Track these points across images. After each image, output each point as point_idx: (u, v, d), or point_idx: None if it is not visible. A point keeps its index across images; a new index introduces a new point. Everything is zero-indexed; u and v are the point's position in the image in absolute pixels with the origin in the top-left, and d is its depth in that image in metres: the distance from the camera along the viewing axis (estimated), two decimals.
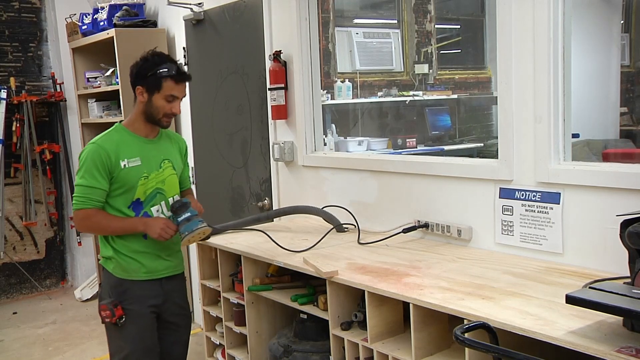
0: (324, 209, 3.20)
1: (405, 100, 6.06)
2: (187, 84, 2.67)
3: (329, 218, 3.14)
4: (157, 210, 2.66)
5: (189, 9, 4.28)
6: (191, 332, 2.93)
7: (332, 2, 5.70)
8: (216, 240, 3.03)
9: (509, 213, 2.49)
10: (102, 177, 2.53)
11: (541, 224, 2.37)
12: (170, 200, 2.71)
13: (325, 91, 4.91)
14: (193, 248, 4.37)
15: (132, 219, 2.61)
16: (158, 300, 2.69)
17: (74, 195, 2.58)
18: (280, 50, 3.51)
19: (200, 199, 4.58)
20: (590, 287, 1.67)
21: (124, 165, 2.56)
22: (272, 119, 3.66)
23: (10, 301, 5.73)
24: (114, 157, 2.55)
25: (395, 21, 6.61)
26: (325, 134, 4.15)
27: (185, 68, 2.58)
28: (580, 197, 2.24)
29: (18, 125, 5.52)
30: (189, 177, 2.93)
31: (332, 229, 3.06)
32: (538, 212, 2.38)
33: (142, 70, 2.58)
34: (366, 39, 6.25)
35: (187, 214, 2.62)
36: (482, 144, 5.97)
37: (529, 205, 2.41)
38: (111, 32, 4.52)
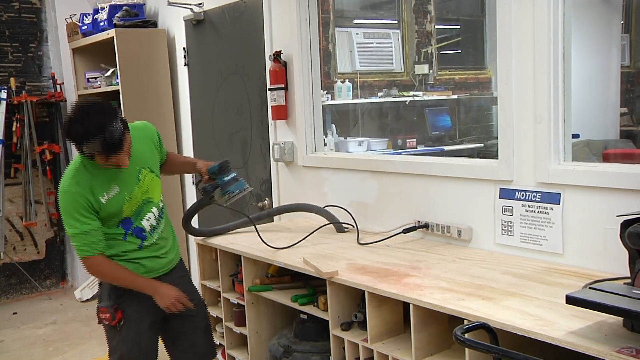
0: (325, 208, 3.20)
1: (406, 101, 6.05)
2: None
3: (330, 217, 3.15)
4: (148, 220, 2.61)
5: (189, 9, 4.29)
6: None
7: (332, 2, 5.70)
8: (216, 241, 3.03)
9: (509, 213, 2.48)
10: (89, 219, 2.42)
11: (541, 224, 2.37)
12: (160, 204, 2.67)
13: (325, 91, 4.91)
14: (193, 248, 4.37)
15: (143, 280, 2.56)
16: None
17: (73, 244, 2.48)
18: (280, 51, 3.51)
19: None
20: (590, 288, 1.68)
21: (105, 200, 2.46)
22: (272, 120, 3.66)
23: (10, 301, 5.72)
24: (93, 198, 2.42)
25: (396, 21, 6.60)
26: (325, 134, 4.14)
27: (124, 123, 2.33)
28: (581, 197, 2.24)
29: (18, 125, 5.51)
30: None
31: (322, 226, 3.06)
32: (538, 212, 2.38)
33: (69, 138, 2.35)
34: (366, 39, 6.24)
35: (233, 174, 2.66)
36: (482, 145, 5.96)
37: (529, 206, 2.41)
38: (111, 33, 4.52)
